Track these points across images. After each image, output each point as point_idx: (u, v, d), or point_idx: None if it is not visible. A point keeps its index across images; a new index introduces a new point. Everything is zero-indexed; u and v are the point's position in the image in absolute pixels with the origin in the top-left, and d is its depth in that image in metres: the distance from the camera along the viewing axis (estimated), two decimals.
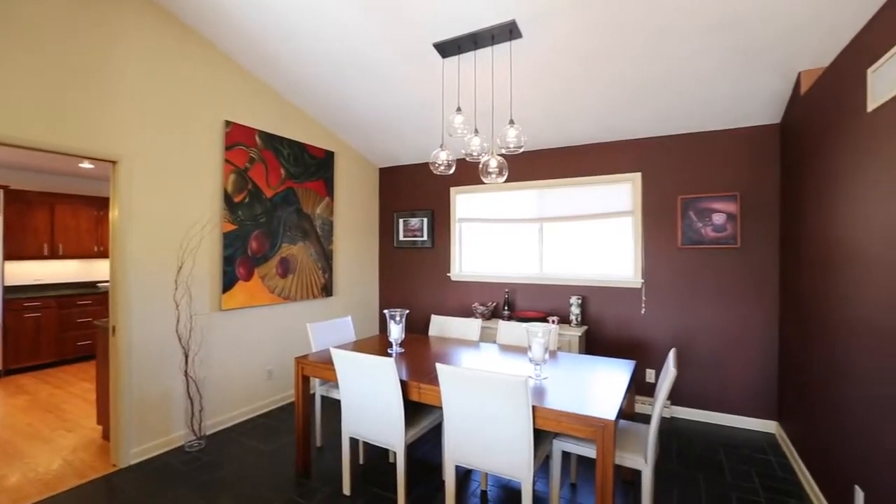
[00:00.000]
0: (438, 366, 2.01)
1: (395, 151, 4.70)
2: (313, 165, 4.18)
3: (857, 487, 1.90)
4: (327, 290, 4.35)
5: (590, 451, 2.07)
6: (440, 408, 2.42)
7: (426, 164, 4.80)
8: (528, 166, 4.23)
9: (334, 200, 4.48)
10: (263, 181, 3.68)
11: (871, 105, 1.81)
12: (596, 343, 3.90)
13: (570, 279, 4.00)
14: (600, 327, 3.88)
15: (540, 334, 2.27)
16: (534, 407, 1.87)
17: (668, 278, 3.62)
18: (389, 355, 2.75)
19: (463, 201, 4.68)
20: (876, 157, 1.79)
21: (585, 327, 3.81)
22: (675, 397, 3.62)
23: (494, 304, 4.31)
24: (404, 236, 5.01)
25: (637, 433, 2.25)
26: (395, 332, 2.85)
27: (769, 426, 3.32)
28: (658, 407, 2.02)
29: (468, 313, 4.51)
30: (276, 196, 3.80)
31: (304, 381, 2.72)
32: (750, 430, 3.36)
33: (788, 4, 2.15)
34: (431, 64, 3.04)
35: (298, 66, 3.31)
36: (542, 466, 2.76)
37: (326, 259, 4.34)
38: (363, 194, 4.95)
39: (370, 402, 2.28)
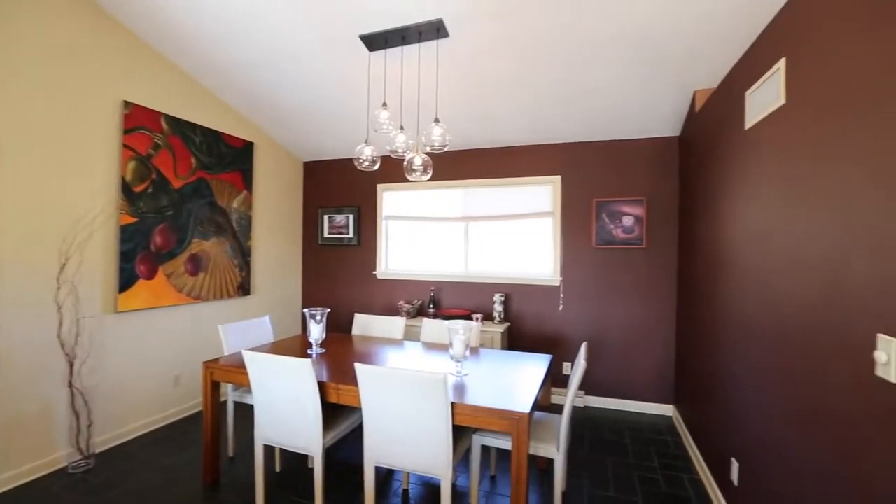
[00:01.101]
0: (357, 366, 1.96)
1: (321, 145, 4.53)
2: (230, 156, 3.90)
3: (733, 460, 2.15)
4: (244, 289, 4.08)
5: (508, 444, 2.14)
6: (360, 409, 2.37)
7: (353, 160, 4.69)
8: (455, 165, 4.28)
9: (253, 194, 4.22)
10: (170, 170, 3.36)
11: (748, 124, 2.06)
12: (517, 339, 4.05)
13: (493, 277, 4.11)
14: (521, 323, 4.04)
15: (461, 332, 2.31)
16: (453, 404, 1.89)
17: (583, 276, 3.86)
18: (309, 356, 2.65)
19: (390, 198, 4.63)
20: (751, 170, 2.04)
21: (508, 324, 3.95)
22: (589, 387, 3.87)
23: (420, 302, 4.32)
24: (330, 233, 4.85)
25: (551, 424, 2.36)
26: (316, 331, 2.74)
27: (668, 410, 3.67)
28: (569, 398, 2.13)
29: (394, 312, 4.47)
30: (185, 187, 3.49)
31: (214, 386, 2.53)
32: (652, 414, 3.68)
33: (684, 29, 2.38)
34: (358, 57, 2.97)
35: (213, 47, 3.07)
36: (462, 461, 2.81)
37: (244, 256, 4.07)
38: (286, 188, 4.72)
39: (285, 406, 2.18)
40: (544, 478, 2.67)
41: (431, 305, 4.17)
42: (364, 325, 3.43)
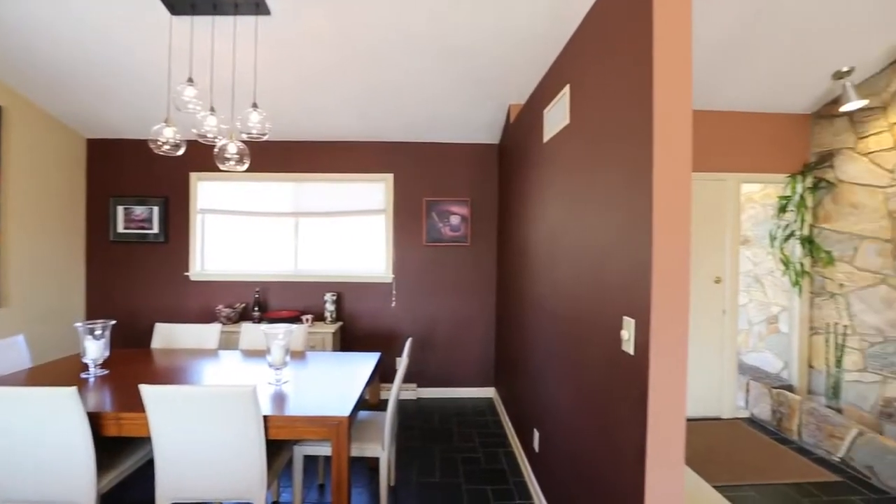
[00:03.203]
0: (142, 387, 1.64)
1: (111, 120, 3.71)
2: None
3: (535, 430, 2.47)
4: None
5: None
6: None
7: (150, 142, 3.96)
8: (285, 158, 3.98)
9: (2, 175, 3.22)
10: None
11: (546, 138, 2.37)
12: (351, 338, 3.98)
13: (325, 276, 3.96)
14: (355, 322, 3.98)
15: (280, 336, 2.14)
16: (266, 417, 1.73)
17: (414, 273, 3.98)
18: (84, 381, 2.13)
19: (207, 190, 4.06)
20: (546, 178, 2.36)
21: (340, 323, 3.84)
22: (421, 380, 4.02)
23: (243, 305, 3.90)
24: (126, 227, 4.03)
25: (377, 422, 2.36)
26: (93, 350, 2.23)
27: (490, 392, 4.05)
28: (393, 395, 2.16)
29: (213, 318, 3.95)
30: None
31: None
32: (477, 398, 4.02)
33: (500, 51, 2.61)
34: (156, 17, 2.50)
35: None
36: (285, 473, 2.63)
37: None
38: (59, 170, 3.74)
39: (34, 451, 1.69)
40: (374, 476, 2.67)
41: (256, 308, 3.79)
42: (167, 336, 2.93)
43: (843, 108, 3.04)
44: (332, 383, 2.16)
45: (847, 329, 3.21)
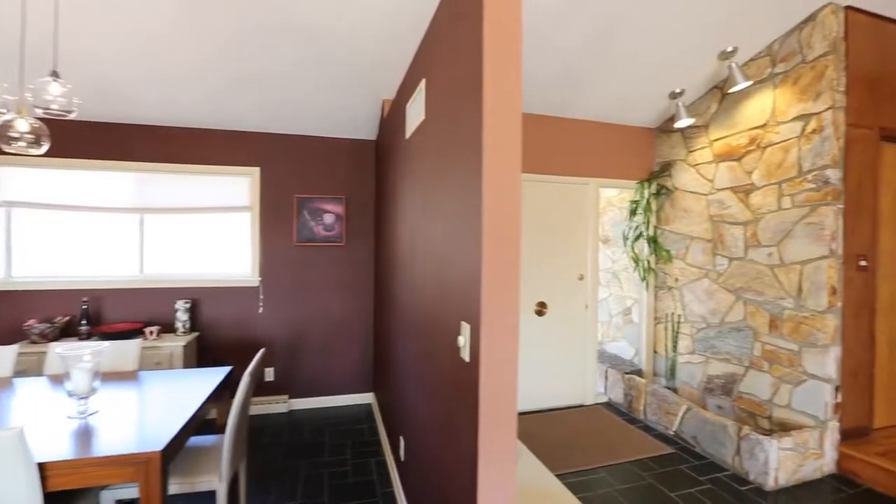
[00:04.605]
0: None
1: None
2: None
3: (401, 437, 2.38)
4: None
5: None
6: None
7: None
8: (124, 143, 3.38)
9: None
10: None
11: (408, 133, 2.28)
12: (210, 349, 3.53)
13: (178, 280, 3.46)
14: (215, 332, 3.54)
15: (86, 358, 1.75)
16: (43, 464, 1.38)
17: (285, 275, 3.67)
18: None
19: (16, 177, 3.29)
20: (409, 176, 2.27)
21: (196, 334, 3.39)
22: (294, 390, 3.72)
23: (67, 318, 3.24)
24: None
25: (216, 449, 2.07)
26: None
27: (369, 398, 3.90)
28: (233, 414, 1.90)
29: (20, 337, 3.21)
30: None
31: None
32: (356, 404, 3.84)
33: (371, 39, 2.46)
34: None
35: None
36: None
37: None
38: None
39: None
40: None
41: (85, 322, 3.16)
42: None
43: (677, 125, 3.45)
44: (159, 409, 1.83)
45: (680, 318, 3.67)
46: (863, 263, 2.76)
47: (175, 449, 1.60)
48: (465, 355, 1.28)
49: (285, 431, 3.31)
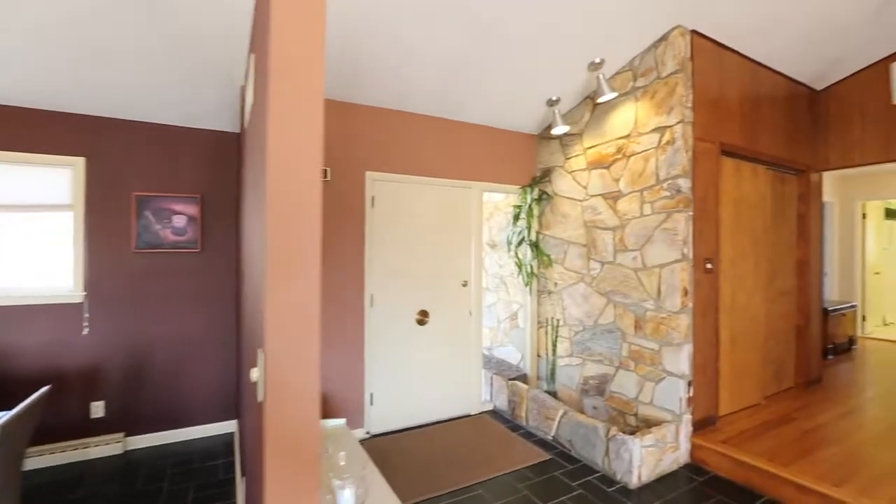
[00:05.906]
0: None
1: None
2: None
3: (244, 476, 2.02)
4: None
5: None
6: None
7: None
8: None
9: None
10: None
11: (246, 120, 1.96)
12: (5, 385, 2.77)
13: None
14: (12, 363, 2.79)
15: None
16: None
17: (120, 288, 3.05)
18: None
19: None
20: (247, 170, 1.94)
21: None
22: (133, 425, 3.10)
23: None
24: None
25: None
26: None
27: (230, 426, 3.40)
28: None
29: None
30: None
31: None
32: (213, 436, 3.32)
33: (220, 18, 2.08)
34: None
35: None
36: None
37: None
38: None
39: None
40: None
41: None
42: None
43: (553, 132, 3.52)
44: None
45: (560, 321, 3.74)
46: (709, 266, 3.00)
47: None
48: (260, 393, 1.01)
49: (115, 478, 2.72)
